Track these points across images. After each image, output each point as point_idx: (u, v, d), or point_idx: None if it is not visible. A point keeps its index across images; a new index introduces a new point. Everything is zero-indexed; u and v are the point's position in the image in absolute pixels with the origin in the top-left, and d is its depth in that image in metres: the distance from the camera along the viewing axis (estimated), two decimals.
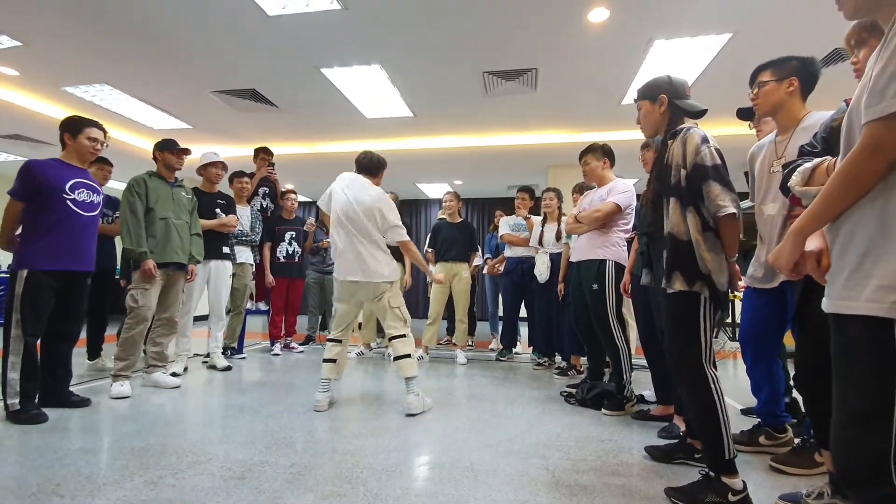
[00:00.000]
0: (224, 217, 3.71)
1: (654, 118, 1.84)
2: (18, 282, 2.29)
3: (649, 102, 1.83)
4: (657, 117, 1.82)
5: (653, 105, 1.82)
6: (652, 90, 1.83)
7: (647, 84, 1.86)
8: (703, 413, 1.59)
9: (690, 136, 1.66)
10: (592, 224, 2.76)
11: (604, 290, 2.69)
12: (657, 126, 1.85)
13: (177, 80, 4.37)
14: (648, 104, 1.84)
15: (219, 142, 6.25)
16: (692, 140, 1.65)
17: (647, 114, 1.85)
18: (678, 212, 1.65)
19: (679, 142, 1.69)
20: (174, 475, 1.71)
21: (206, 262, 3.60)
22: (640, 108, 1.89)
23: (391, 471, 1.77)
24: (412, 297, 9.32)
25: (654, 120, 1.84)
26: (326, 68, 4.09)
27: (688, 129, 1.71)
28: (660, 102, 1.80)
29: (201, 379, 3.42)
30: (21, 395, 2.27)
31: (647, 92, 1.85)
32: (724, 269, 1.61)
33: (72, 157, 2.54)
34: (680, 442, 1.89)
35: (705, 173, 1.60)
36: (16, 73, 4.16)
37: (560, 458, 1.92)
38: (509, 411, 2.62)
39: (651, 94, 1.83)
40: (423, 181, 8.18)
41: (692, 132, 1.68)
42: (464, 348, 4.28)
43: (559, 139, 5.87)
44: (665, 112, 1.80)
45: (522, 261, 4.20)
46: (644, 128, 1.90)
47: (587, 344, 3.01)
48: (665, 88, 1.80)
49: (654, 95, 1.82)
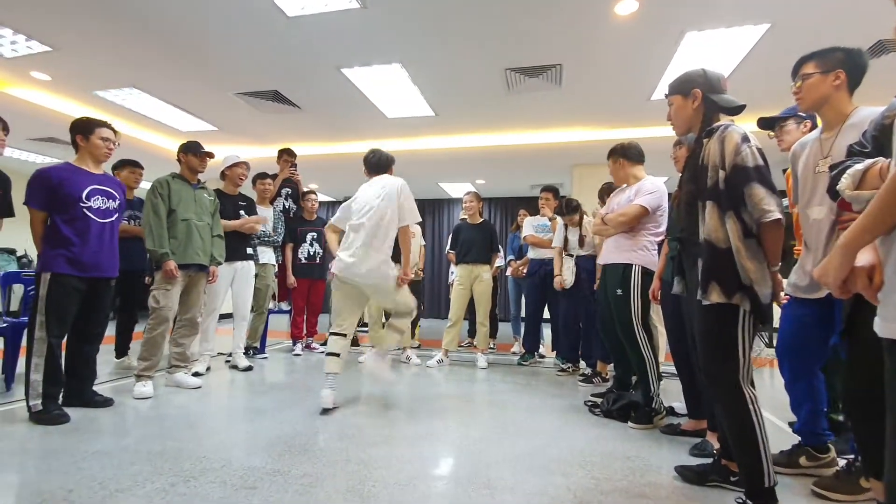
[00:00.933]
0: (250, 217, 3.74)
1: (686, 114, 1.71)
2: (42, 284, 2.32)
3: (681, 97, 1.72)
4: (690, 113, 1.70)
5: (685, 100, 1.70)
6: (684, 84, 1.71)
7: (680, 78, 1.75)
8: (740, 436, 1.46)
9: (729, 135, 1.54)
10: (618, 227, 2.63)
11: (628, 296, 2.55)
12: (690, 123, 1.73)
13: (201, 83, 4.43)
14: (681, 99, 1.72)
15: (243, 143, 6.33)
16: (731, 139, 1.52)
17: (679, 109, 1.73)
18: (716, 217, 1.52)
19: (716, 140, 1.57)
20: (186, 483, 1.69)
21: (232, 263, 3.63)
22: (671, 104, 1.77)
23: (404, 485, 1.70)
24: (434, 297, 9.28)
25: (687, 116, 1.72)
26: (347, 68, 4.07)
27: (725, 126, 1.58)
28: (693, 97, 1.68)
29: (223, 379, 3.44)
30: (43, 396, 2.30)
31: (679, 86, 1.73)
32: (767, 279, 1.48)
33: (85, 159, 2.54)
34: (714, 463, 1.76)
35: (747, 175, 1.47)
36: (48, 77, 4.28)
37: (583, 476, 1.82)
38: (530, 421, 2.52)
39: (683, 88, 1.71)
40: (445, 180, 8.11)
41: (730, 130, 1.55)
42: (485, 351, 4.19)
43: (584, 137, 5.70)
44: (699, 108, 1.68)
45: (546, 263, 4.08)
46: (675, 125, 1.78)
47: (613, 352, 2.88)
48: (699, 82, 1.68)
49: (686, 90, 1.70)
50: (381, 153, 2.95)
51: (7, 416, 2.41)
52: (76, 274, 2.40)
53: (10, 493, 1.60)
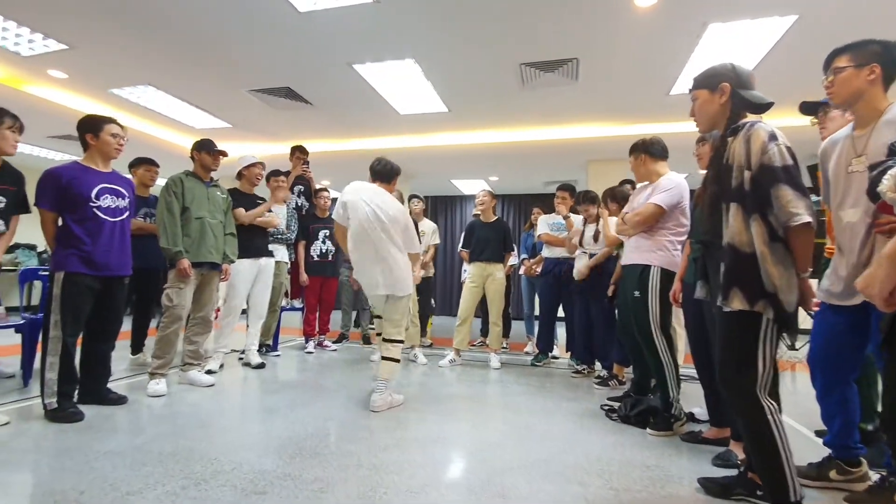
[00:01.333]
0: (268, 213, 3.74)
1: (711, 110, 1.62)
2: (56, 283, 2.33)
3: (708, 92, 1.62)
4: (716, 109, 1.61)
5: (712, 95, 1.61)
6: (712, 78, 1.62)
7: (707, 72, 1.65)
8: (761, 450, 1.39)
9: (755, 133, 1.45)
10: (635, 227, 2.54)
11: (646, 299, 2.46)
12: (715, 119, 1.64)
13: (215, 80, 4.43)
14: (707, 94, 1.63)
15: (256, 140, 6.35)
16: (758, 137, 1.44)
17: (705, 104, 1.64)
18: (740, 219, 1.45)
19: (741, 139, 1.49)
20: (197, 486, 1.67)
21: (257, 260, 3.67)
22: (695, 99, 1.67)
23: (416, 492, 1.67)
24: (445, 295, 9.24)
25: (712, 112, 1.63)
26: (359, 64, 4.02)
27: (751, 124, 1.50)
28: (720, 92, 1.59)
29: (235, 377, 3.45)
30: (59, 394, 2.32)
31: (705, 80, 1.64)
32: (793, 286, 1.40)
33: (95, 158, 2.53)
34: (739, 475, 1.69)
35: (774, 175, 1.39)
36: (65, 75, 4.32)
37: (601, 485, 1.76)
38: (545, 426, 2.46)
39: (711, 82, 1.62)
40: (457, 177, 8.05)
41: (757, 128, 1.46)
42: (497, 351, 4.13)
43: (600, 133, 5.59)
44: (726, 103, 1.59)
45: (560, 262, 4.00)
46: (699, 121, 1.69)
47: (632, 355, 2.80)
48: (728, 76, 1.59)
49: (714, 84, 1.60)
50: (388, 162, 2.93)
51: (24, 413, 2.43)
52: (89, 273, 2.40)
53: (24, 493, 1.60)
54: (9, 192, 2.27)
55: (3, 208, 2.26)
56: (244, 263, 3.58)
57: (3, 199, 2.24)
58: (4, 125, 2.23)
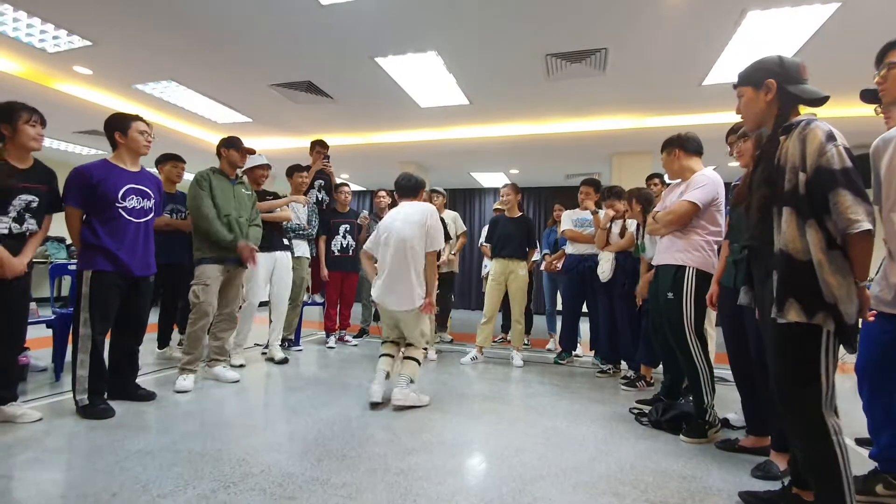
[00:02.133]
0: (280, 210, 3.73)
1: (757, 108, 1.52)
2: (84, 282, 2.35)
3: (752, 89, 1.52)
4: (762, 107, 1.51)
5: (757, 92, 1.51)
6: (756, 73, 1.51)
7: (751, 66, 1.55)
8: (821, 471, 1.31)
9: (812, 133, 1.35)
10: (668, 226, 2.44)
11: (680, 301, 2.36)
12: (762, 117, 1.54)
13: (237, 75, 4.42)
14: (751, 91, 1.53)
15: (277, 134, 6.35)
16: (814, 137, 1.34)
17: (750, 103, 1.54)
18: (794, 225, 1.35)
19: (796, 139, 1.38)
20: (226, 489, 1.67)
21: (271, 253, 3.64)
22: (740, 96, 1.57)
23: (447, 501, 1.63)
24: (464, 288, 9.20)
25: (759, 110, 1.52)
26: (381, 57, 3.96)
27: (807, 122, 1.39)
28: (766, 89, 1.48)
29: (259, 373, 3.47)
30: (89, 391, 2.35)
31: (749, 75, 1.54)
32: (853, 296, 1.30)
33: (123, 156, 2.53)
34: (784, 490, 1.61)
35: (833, 179, 1.29)
36: (90, 72, 4.36)
37: (637, 497, 1.70)
38: (573, 430, 2.41)
39: (755, 78, 1.51)
40: (477, 170, 7.95)
41: (814, 127, 1.36)
42: (519, 349, 4.08)
43: (625, 124, 5.44)
44: (773, 101, 1.48)
45: (584, 259, 3.90)
46: (746, 119, 1.59)
47: (664, 357, 2.71)
48: (774, 71, 1.48)
49: (759, 80, 1.50)
50: (413, 177, 2.93)
51: (56, 409, 2.47)
52: (116, 271, 2.41)
53: (58, 493, 1.61)
54: (41, 192, 2.27)
55: (36, 207, 2.26)
56: (261, 258, 3.57)
57: (35, 198, 2.24)
58: (21, 119, 2.17)
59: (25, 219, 2.24)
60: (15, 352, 2.33)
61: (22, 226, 2.22)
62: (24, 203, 2.22)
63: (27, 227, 2.25)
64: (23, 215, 2.22)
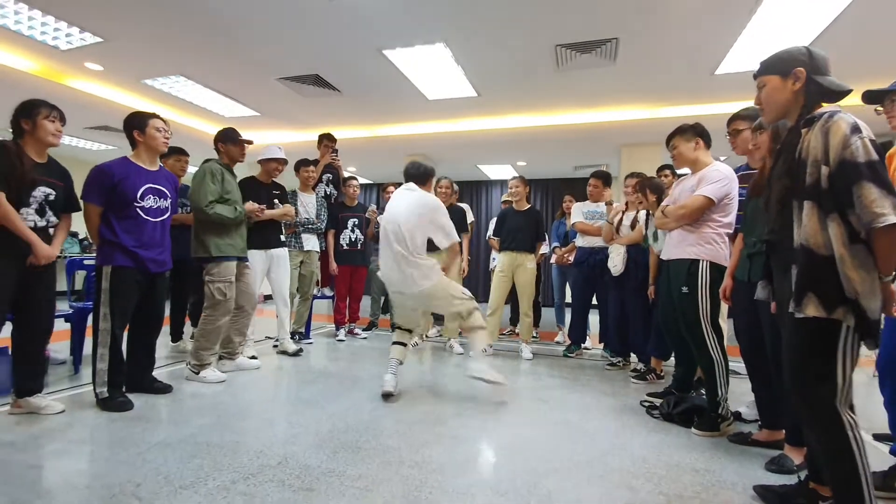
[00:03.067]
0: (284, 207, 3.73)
1: (783, 98, 1.48)
2: (104, 277, 2.39)
3: (779, 78, 1.48)
4: (788, 97, 1.47)
5: (784, 81, 1.47)
6: (785, 62, 1.47)
7: (778, 55, 1.50)
8: (838, 467, 1.31)
9: (836, 125, 1.32)
10: (679, 221, 2.42)
11: (695, 295, 2.36)
12: (786, 108, 1.50)
13: (244, 69, 4.42)
14: (778, 80, 1.48)
15: (285, 128, 6.36)
16: (838, 129, 1.31)
17: (775, 92, 1.49)
18: (815, 219, 1.33)
19: (819, 131, 1.35)
20: (245, 480, 1.70)
21: (267, 251, 3.65)
22: (762, 85, 1.53)
23: (462, 494, 1.65)
24: (472, 281, 9.20)
25: (784, 100, 1.48)
26: (388, 50, 3.94)
27: (830, 114, 1.36)
28: (794, 78, 1.45)
29: (272, 365, 3.51)
30: (109, 384, 2.40)
31: (776, 64, 1.49)
32: (876, 291, 1.28)
33: (141, 155, 2.55)
34: (801, 485, 1.61)
35: (857, 172, 1.26)
36: (100, 68, 4.38)
37: (650, 490, 1.71)
38: (585, 423, 2.42)
39: (783, 67, 1.47)
40: (484, 162, 7.91)
41: (837, 118, 1.33)
42: (528, 342, 4.09)
43: (635, 115, 5.38)
44: (800, 91, 1.45)
45: (594, 252, 3.88)
46: (767, 110, 1.55)
47: (676, 350, 2.70)
48: (803, 61, 1.44)
49: (787, 69, 1.46)
50: (422, 164, 2.90)
51: (77, 401, 2.53)
52: (135, 267, 2.45)
53: (84, 484, 1.65)
54: (58, 187, 2.32)
55: (54, 201, 2.31)
56: (255, 255, 3.56)
57: (52, 192, 2.29)
58: (41, 115, 2.21)
59: (46, 211, 2.29)
60: (42, 345, 2.39)
61: (43, 218, 2.27)
62: (44, 195, 2.27)
63: (48, 220, 2.30)
64: (44, 208, 2.27)
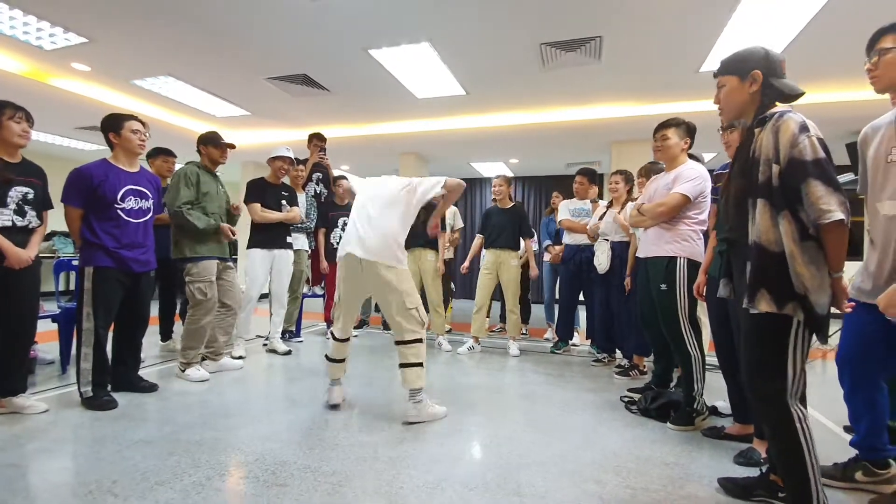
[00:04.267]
0: (289, 211, 3.78)
1: (739, 99, 1.51)
2: (87, 278, 2.42)
3: (737, 79, 1.50)
4: (744, 98, 1.50)
5: (741, 83, 1.49)
6: (742, 64, 1.50)
7: (736, 56, 1.53)
8: (787, 457, 1.35)
9: (784, 124, 1.35)
10: (656, 218, 2.45)
11: (674, 291, 2.39)
12: (742, 109, 1.53)
13: (233, 69, 4.43)
14: (736, 81, 1.51)
15: (275, 127, 6.37)
16: (787, 128, 1.34)
17: (733, 93, 1.52)
18: (767, 217, 1.36)
19: (769, 131, 1.38)
20: (221, 477, 1.74)
21: (270, 251, 3.71)
22: (721, 86, 1.55)
23: (433, 487, 1.69)
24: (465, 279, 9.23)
25: (740, 101, 1.51)
26: (374, 49, 3.95)
27: (780, 114, 1.39)
28: (752, 80, 1.47)
29: (261, 364, 3.55)
30: (93, 383, 2.43)
31: (734, 65, 1.52)
32: (825, 287, 1.32)
33: (119, 156, 2.57)
34: (761, 477, 1.65)
35: (804, 170, 1.29)
36: (88, 68, 4.39)
37: (618, 484, 1.75)
38: (564, 418, 2.46)
39: (741, 68, 1.49)
40: (476, 160, 7.93)
41: (787, 118, 1.36)
42: (516, 339, 4.12)
43: (624, 113, 5.40)
44: (756, 93, 1.48)
45: (582, 249, 3.92)
46: (724, 109, 1.57)
47: (655, 347, 2.74)
48: (760, 63, 1.47)
49: (744, 70, 1.48)
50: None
51: (62, 400, 2.56)
52: (117, 267, 2.48)
53: (62, 482, 1.68)
54: (36, 185, 2.34)
55: (33, 199, 2.33)
56: (258, 254, 3.65)
57: (30, 191, 2.31)
58: (5, 116, 2.22)
59: (26, 211, 2.31)
60: (26, 346, 2.41)
61: (24, 218, 2.30)
62: (21, 195, 2.29)
63: (29, 221, 2.32)
64: (23, 208, 2.30)
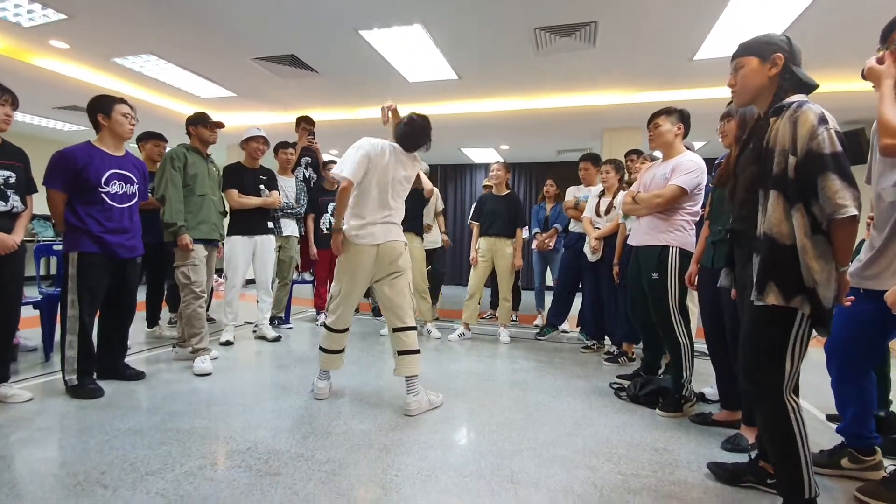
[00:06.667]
0: (268, 196, 3.68)
1: (758, 81, 1.44)
2: (71, 263, 2.35)
3: (759, 60, 1.44)
4: (763, 81, 1.44)
5: (762, 65, 1.43)
6: (765, 46, 1.44)
7: (760, 38, 1.47)
8: (780, 447, 1.37)
9: (804, 115, 1.31)
10: (652, 209, 2.45)
11: (665, 281, 2.41)
12: (759, 92, 1.46)
13: (219, 48, 4.29)
14: (757, 62, 1.44)
15: (262, 109, 6.22)
16: (806, 119, 1.30)
17: (752, 74, 1.45)
18: (780, 209, 1.34)
19: (787, 120, 1.34)
20: (213, 466, 1.72)
21: (252, 237, 3.63)
22: (739, 67, 1.48)
23: (427, 475, 1.69)
24: (455, 265, 9.23)
25: (759, 84, 1.45)
26: (365, 30, 3.85)
27: (799, 104, 1.35)
28: (773, 63, 1.42)
29: (250, 351, 3.51)
30: (78, 371, 2.38)
31: (757, 47, 1.45)
32: (832, 281, 1.31)
33: (106, 139, 2.49)
34: (750, 462, 1.68)
35: (823, 163, 1.27)
36: (66, 45, 4.21)
37: (609, 470, 1.77)
38: (554, 405, 2.48)
39: (763, 50, 1.43)
40: (467, 146, 7.86)
41: (806, 109, 1.32)
42: (506, 326, 4.14)
43: (617, 100, 5.37)
44: (775, 77, 1.43)
45: (583, 237, 3.88)
46: (739, 91, 1.50)
47: (644, 334, 2.77)
48: (783, 47, 1.42)
49: (767, 53, 1.42)
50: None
51: (47, 389, 2.50)
52: (102, 252, 2.41)
53: (49, 472, 1.65)
54: (17, 168, 2.26)
55: (16, 183, 2.25)
56: (239, 240, 3.56)
57: (12, 174, 2.23)
58: None
59: (9, 196, 2.23)
60: (10, 333, 2.35)
61: (7, 203, 2.22)
62: (3, 178, 2.21)
63: (13, 205, 2.25)
64: (5, 192, 2.22)
